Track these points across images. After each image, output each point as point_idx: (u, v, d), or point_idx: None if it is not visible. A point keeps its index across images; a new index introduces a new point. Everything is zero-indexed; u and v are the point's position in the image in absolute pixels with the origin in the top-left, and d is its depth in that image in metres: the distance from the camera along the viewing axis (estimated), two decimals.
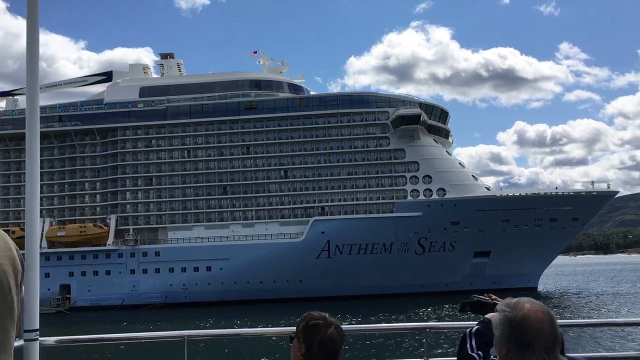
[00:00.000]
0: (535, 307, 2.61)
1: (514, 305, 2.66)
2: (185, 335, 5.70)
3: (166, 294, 70.28)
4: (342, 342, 3.34)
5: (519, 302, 2.66)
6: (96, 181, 77.02)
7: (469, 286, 69.12)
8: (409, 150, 70.79)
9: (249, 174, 74.24)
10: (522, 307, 2.61)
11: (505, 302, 2.72)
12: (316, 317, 3.34)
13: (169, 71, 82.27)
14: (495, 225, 68.04)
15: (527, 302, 2.65)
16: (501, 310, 2.68)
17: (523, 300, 2.67)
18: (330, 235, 68.80)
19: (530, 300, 2.67)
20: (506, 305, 2.69)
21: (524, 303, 2.65)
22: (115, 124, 75.77)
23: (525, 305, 2.62)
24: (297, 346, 3.32)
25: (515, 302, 2.67)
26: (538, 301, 2.70)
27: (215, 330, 6.81)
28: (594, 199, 70.85)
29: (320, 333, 3.24)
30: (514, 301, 2.69)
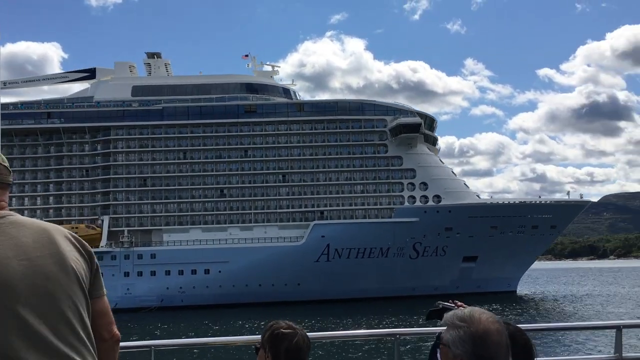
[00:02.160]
0: (490, 317, 2.47)
1: (469, 318, 2.47)
2: (152, 345, 5.56)
3: (162, 297, 69.32)
4: (308, 350, 3.33)
5: (473, 315, 2.49)
6: (85, 181, 74.79)
7: (455, 289, 72.45)
8: (406, 158, 73.52)
9: (246, 177, 74.52)
10: (480, 320, 2.45)
11: (458, 316, 2.50)
12: (282, 325, 3.31)
13: (157, 71, 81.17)
14: (484, 231, 71.80)
15: (481, 314, 2.50)
16: (456, 325, 2.47)
17: (476, 312, 2.51)
18: (330, 239, 70.31)
19: (481, 311, 2.52)
20: (460, 319, 2.48)
21: (479, 315, 2.49)
22: (108, 123, 73.95)
23: (482, 318, 2.47)
24: (263, 356, 3.29)
25: (469, 315, 2.48)
26: (486, 310, 2.59)
27: (183, 340, 6.68)
28: (571, 208, 76.37)
29: (286, 342, 3.21)
30: (467, 313, 2.49)
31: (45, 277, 2.49)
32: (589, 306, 61.50)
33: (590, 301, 66.94)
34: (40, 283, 2.47)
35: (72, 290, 2.57)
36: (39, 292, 2.46)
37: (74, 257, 2.63)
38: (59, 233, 2.64)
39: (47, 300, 2.47)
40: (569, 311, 57.67)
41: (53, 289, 2.50)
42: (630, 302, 64.61)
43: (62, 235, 2.65)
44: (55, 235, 2.62)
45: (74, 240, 2.68)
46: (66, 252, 2.60)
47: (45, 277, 2.50)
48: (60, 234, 2.65)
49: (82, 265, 2.65)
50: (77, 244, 2.68)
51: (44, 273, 2.49)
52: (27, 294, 2.43)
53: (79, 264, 2.63)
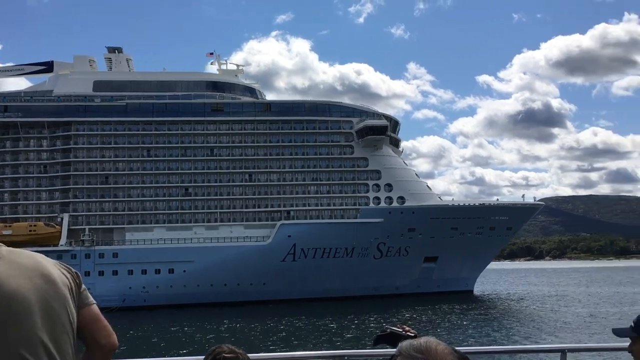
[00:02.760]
0: (445, 349, 2.44)
1: (426, 350, 2.44)
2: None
3: (124, 297, 67.88)
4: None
5: (429, 346, 2.46)
6: (43, 177, 72.37)
7: (416, 289, 74.41)
8: (372, 159, 74.61)
9: (212, 176, 73.88)
10: (436, 352, 2.43)
11: (414, 347, 2.47)
12: (224, 350, 3.26)
13: (118, 66, 79.41)
14: (445, 232, 73.67)
15: (437, 344, 2.48)
16: (413, 357, 2.43)
17: (432, 343, 2.48)
18: (296, 239, 70.59)
19: (437, 341, 2.50)
20: (416, 350, 2.45)
21: (435, 346, 2.46)
22: (69, 118, 71.82)
23: (438, 349, 2.45)
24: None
25: (426, 346, 2.45)
26: (439, 340, 2.57)
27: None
28: (526, 210, 79.36)
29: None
30: (423, 344, 2.47)
31: (44, 294, 2.69)
32: (541, 305, 64.27)
33: (542, 300, 69.83)
34: (42, 299, 2.67)
35: (66, 307, 2.77)
36: (44, 306, 2.67)
37: (63, 277, 2.84)
38: (45, 258, 2.87)
39: (52, 313, 2.69)
40: (523, 311, 59.95)
41: (54, 305, 2.70)
42: (574, 301, 67.80)
43: (48, 261, 2.87)
44: (42, 260, 2.83)
45: (60, 265, 2.91)
46: (54, 274, 2.79)
47: (45, 293, 2.69)
48: (46, 260, 2.87)
49: (70, 281, 2.86)
50: (65, 268, 2.92)
51: (43, 290, 2.69)
52: (36, 307, 2.65)
53: (67, 280, 2.85)
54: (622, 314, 52.57)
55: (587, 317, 52.18)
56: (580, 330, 44.61)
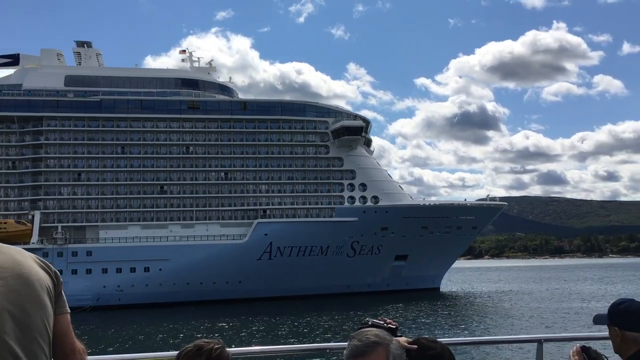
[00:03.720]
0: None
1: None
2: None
3: (98, 296, 66.78)
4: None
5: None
6: (12, 174, 70.16)
7: (386, 287, 76.33)
8: (346, 159, 75.95)
9: (187, 174, 73.51)
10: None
11: (387, 333, 2.89)
12: (215, 344, 3.07)
13: (88, 61, 77.73)
14: (415, 231, 75.79)
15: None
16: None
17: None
18: (273, 238, 71.15)
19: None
20: (389, 335, 2.88)
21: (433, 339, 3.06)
22: (40, 113, 69.93)
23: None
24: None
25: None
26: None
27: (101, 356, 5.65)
28: (491, 210, 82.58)
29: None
30: (380, 333, 2.87)
31: (17, 295, 2.56)
32: (504, 301, 67.40)
33: (509, 297, 73.10)
34: (15, 301, 2.55)
35: (42, 309, 2.65)
36: (16, 309, 2.54)
37: (42, 276, 2.73)
38: (25, 255, 2.75)
39: (24, 316, 2.56)
40: (492, 306, 62.70)
41: (27, 307, 2.58)
42: (540, 297, 71.38)
43: (28, 257, 2.75)
44: (21, 257, 2.70)
45: (39, 261, 2.80)
46: (33, 272, 2.68)
47: (17, 294, 2.56)
48: (27, 256, 2.76)
49: (48, 284, 2.74)
50: (44, 265, 2.81)
51: (15, 291, 2.56)
52: (7, 313, 2.51)
53: (46, 282, 2.72)
54: (590, 309, 55.86)
55: (558, 311, 55.18)
56: (554, 323, 47.23)
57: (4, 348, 2.49)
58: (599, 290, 78.91)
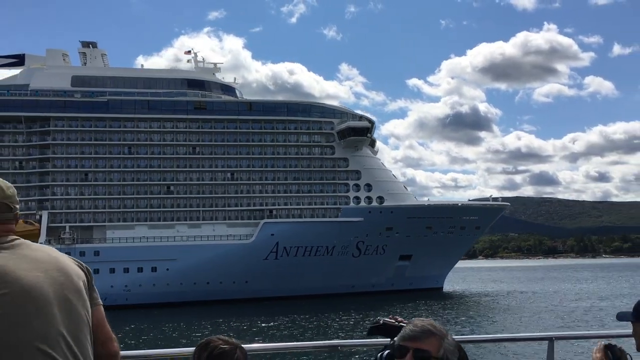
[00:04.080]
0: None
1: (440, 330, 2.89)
2: None
3: (105, 296, 66.00)
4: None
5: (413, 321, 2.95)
6: (19, 173, 70.22)
7: (390, 287, 76.86)
8: (352, 160, 76.44)
9: (194, 174, 73.82)
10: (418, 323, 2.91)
11: (443, 328, 2.88)
12: (219, 342, 3.06)
13: (93, 61, 77.92)
14: (419, 231, 76.33)
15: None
16: (444, 335, 2.84)
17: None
18: (279, 238, 71.53)
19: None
20: (444, 329, 2.87)
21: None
22: (47, 113, 70.06)
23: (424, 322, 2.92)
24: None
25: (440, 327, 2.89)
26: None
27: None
28: (494, 211, 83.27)
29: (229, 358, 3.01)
30: (437, 325, 2.88)
31: (61, 287, 2.74)
32: (510, 300, 68.10)
33: (513, 296, 73.82)
34: (59, 291, 2.72)
35: (82, 299, 2.84)
36: (61, 299, 2.72)
37: (77, 270, 2.92)
38: (57, 252, 2.94)
39: (69, 306, 2.73)
40: (498, 306, 63.32)
41: (71, 297, 2.76)
42: (545, 296, 72.14)
43: (61, 254, 2.94)
44: (56, 253, 2.90)
45: (72, 259, 3.00)
46: (69, 267, 2.88)
47: (61, 286, 2.75)
48: (60, 254, 2.94)
49: (83, 277, 2.94)
50: (75, 260, 2.99)
51: (59, 283, 2.74)
52: (54, 300, 2.69)
53: (81, 276, 2.93)
54: (598, 308, 56.57)
55: (567, 310, 55.82)
56: (563, 321, 47.74)
57: (59, 336, 2.65)
58: (602, 290, 79.75)
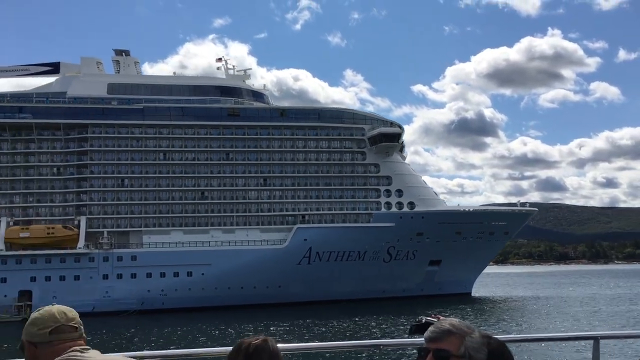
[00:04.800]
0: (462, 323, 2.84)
1: (471, 328, 2.83)
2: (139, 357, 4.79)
3: (142, 300, 67.87)
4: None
5: (468, 323, 2.84)
6: (57, 180, 71.42)
7: (420, 292, 77.39)
8: (383, 166, 77.23)
9: (227, 180, 74.76)
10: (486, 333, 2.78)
11: (466, 325, 2.83)
12: (252, 340, 3.11)
13: (127, 69, 79.14)
14: (449, 236, 76.90)
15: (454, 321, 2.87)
16: (467, 332, 2.80)
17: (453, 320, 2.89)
18: (312, 243, 72.31)
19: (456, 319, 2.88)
20: (468, 327, 2.82)
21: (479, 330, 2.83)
22: (85, 120, 71.26)
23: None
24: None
25: (466, 324, 2.84)
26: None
27: (164, 351, 5.56)
28: (522, 216, 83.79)
29: (266, 352, 3.07)
30: (458, 324, 2.83)
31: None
32: (542, 304, 68.54)
33: (543, 301, 74.27)
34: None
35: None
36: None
37: None
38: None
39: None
40: (532, 310, 63.83)
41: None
42: (576, 301, 72.53)
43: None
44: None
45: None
46: None
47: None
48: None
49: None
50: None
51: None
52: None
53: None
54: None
55: (605, 313, 56.22)
56: (604, 323, 48.07)
57: None
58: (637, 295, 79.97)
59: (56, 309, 3.18)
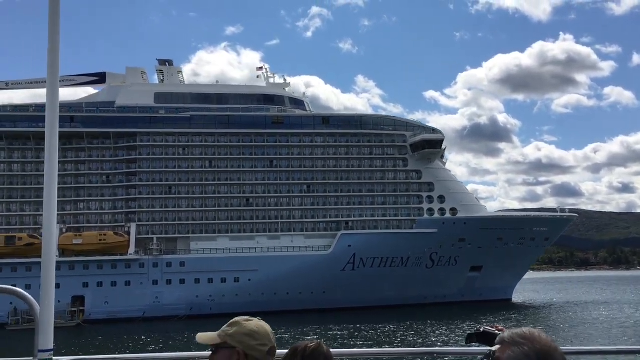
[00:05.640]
0: (549, 337, 2.47)
1: (530, 336, 2.45)
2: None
3: (191, 305, 68.95)
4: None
5: (533, 333, 2.47)
6: (106, 187, 72.93)
7: (461, 298, 77.65)
8: (425, 172, 77.91)
9: (271, 187, 75.84)
10: (541, 338, 2.44)
11: (518, 334, 2.49)
12: (308, 344, 3.17)
13: (170, 78, 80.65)
14: (491, 242, 77.25)
15: (540, 333, 2.49)
16: (518, 342, 2.44)
17: (535, 331, 2.49)
18: (356, 249, 73.05)
19: (539, 331, 2.51)
20: (521, 337, 2.47)
21: (539, 334, 2.47)
22: (134, 129, 72.78)
23: (542, 336, 2.46)
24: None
25: (530, 333, 2.47)
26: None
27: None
28: (563, 221, 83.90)
29: (321, 355, 3.13)
30: (527, 332, 2.47)
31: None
32: (585, 311, 68.42)
33: (592, 308, 74.14)
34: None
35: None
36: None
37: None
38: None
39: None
40: (579, 317, 63.68)
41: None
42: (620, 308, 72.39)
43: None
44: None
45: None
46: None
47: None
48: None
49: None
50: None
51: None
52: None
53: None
54: None
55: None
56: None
57: None
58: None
59: (267, 326, 3.07)
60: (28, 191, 71.73)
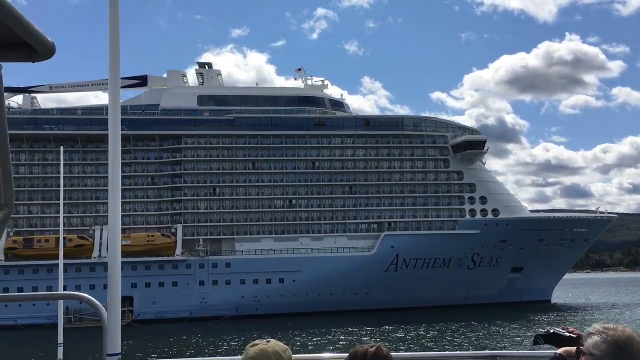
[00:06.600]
0: (632, 330, 2.52)
1: (614, 327, 2.56)
2: None
3: (237, 306, 69.31)
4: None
5: (617, 325, 2.58)
6: (151, 189, 73.54)
7: (501, 299, 77.56)
8: (467, 173, 78.03)
9: (314, 188, 76.23)
10: (624, 329, 2.52)
11: (603, 325, 2.61)
12: (368, 349, 3.15)
13: (210, 81, 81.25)
14: (532, 243, 77.14)
15: (625, 326, 2.57)
16: (600, 332, 2.56)
17: (619, 324, 2.60)
18: (399, 250, 73.24)
19: (623, 325, 2.58)
20: (604, 328, 2.58)
21: (623, 326, 2.56)
22: (179, 132, 73.39)
23: (626, 328, 2.53)
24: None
25: (614, 325, 2.58)
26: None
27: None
28: (603, 222, 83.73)
29: (383, 359, 3.13)
30: (611, 324, 2.59)
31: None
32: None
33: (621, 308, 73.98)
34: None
35: None
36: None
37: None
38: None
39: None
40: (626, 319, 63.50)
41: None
42: None
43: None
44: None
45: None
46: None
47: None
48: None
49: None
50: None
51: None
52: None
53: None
54: None
55: None
56: None
57: None
58: None
59: (272, 349, 2.94)
60: (49, 193, 72.46)
